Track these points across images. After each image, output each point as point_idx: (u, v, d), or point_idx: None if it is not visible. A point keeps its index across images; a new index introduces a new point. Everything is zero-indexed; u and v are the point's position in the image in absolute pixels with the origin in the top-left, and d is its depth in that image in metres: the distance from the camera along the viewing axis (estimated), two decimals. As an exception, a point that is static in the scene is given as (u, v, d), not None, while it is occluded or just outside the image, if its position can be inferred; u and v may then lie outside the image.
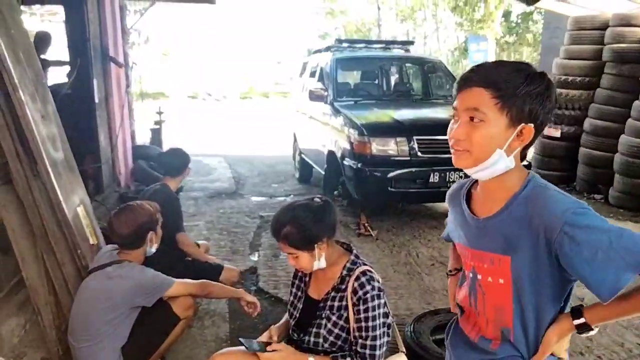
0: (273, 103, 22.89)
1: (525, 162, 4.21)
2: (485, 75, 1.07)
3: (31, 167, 2.65)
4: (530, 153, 6.47)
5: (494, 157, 1.08)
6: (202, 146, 10.23)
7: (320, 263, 1.75)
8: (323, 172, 5.61)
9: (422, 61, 6.68)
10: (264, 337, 1.85)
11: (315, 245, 1.71)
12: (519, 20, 21.28)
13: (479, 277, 1.21)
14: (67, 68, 5.37)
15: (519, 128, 1.08)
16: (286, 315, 1.98)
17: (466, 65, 22.39)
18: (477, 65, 1.13)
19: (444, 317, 2.97)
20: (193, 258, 3.25)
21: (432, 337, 2.76)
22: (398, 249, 4.40)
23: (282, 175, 7.65)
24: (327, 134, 5.33)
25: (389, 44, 7.25)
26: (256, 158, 9.13)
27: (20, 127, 2.61)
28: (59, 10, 9.64)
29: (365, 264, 1.80)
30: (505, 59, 22.60)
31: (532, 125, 1.08)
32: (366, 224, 4.73)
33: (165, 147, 7.48)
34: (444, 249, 4.38)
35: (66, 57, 5.37)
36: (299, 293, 1.91)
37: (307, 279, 1.89)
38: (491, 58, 20.19)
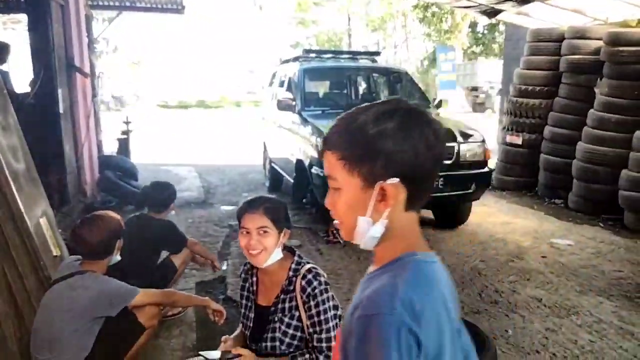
0: (245, 112, 22.84)
1: (486, 169, 4.31)
2: (329, 135, 0.91)
3: (-9, 179, 2.62)
4: (494, 160, 6.68)
5: (360, 225, 0.90)
6: (172, 156, 10.17)
7: (278, 253, 1.81)
8: (292, 181, 5.67)
9: (388, 71, 6.83)
10: (221, 348, 1.87)
11: (283, 230, 1.82)
12: (485, 31, 21.91)
13: None
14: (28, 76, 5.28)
15: (376, 188, 0.86)
16: (240, 327, 2.01)
17: (435, 74, 22.91)
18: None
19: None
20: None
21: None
22: (366, 255, 4.46)
23: (252, 184, 7.67)
24: (296, 143, 5.40)
25: (356, 54, 7.39)
26: (227, 167, 9.11)
27: (-20, 139, 2.58)
28: (23, 18, 9.46)
29: (309, 262, 1.86)
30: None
31: (395, 180, 0.85)
32: (335, 231, 4.80)
33: (133, 157, 7.43)
34: (410, 254, 4.49)
35: (30, 66, 5.29)
36: (249, 303, 1.94)
37: (254, 288, 1.93)
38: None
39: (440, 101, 6.23)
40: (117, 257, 2.53)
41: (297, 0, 29.99)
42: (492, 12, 7.11)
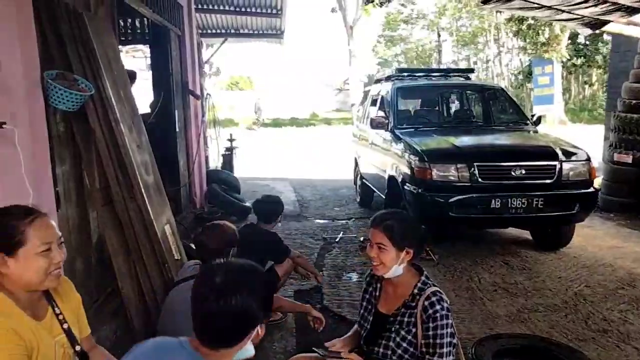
0: (334, 129, 23.34)
1: (591, 189, 4.15)
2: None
3: (128, 190, 3.02)
4: (599, 179, 6.28)
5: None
6: (269, 170, 10.73)
7: (397, 269, 1.89)
8: (384, 197, 5.75)
9: (482, 88, 6.71)
10: (334, 349, 2.00)
11: (405, 249, 1.88)
12: (587, 42, 20.54)
13: None
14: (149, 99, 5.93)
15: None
16: (355, 327, 2.14)
17: (531, 88, 21.85)
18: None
19: (506, 341, 3.01)
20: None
21: (494, 360, 2.80)
22: (459, 273, 4.44)
23: (343, 199, 7.87)
24: (388, 160, 5.49)
25: (448, 72, 7.36)
26: (319, 182, 9.42)
27: (120, 155, 2.99)
28: (141, 47, 10.60)
29: (435, 285, 1.92)
30: (572, 81, 21.69)
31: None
32: (427, 248, 4.80)
33: (237, 171, 7.98)
34: (507, 275, 4.37)
35: (145, 88, 5.95)
36: (369, 307, 2.05)
37: (377, 294, 2.04)
38: (557, 81, 19.58)
39: (540, 117, 6.01)
40: (230, 264, 2.79)
41: (386, 18, 30.26)
42: (597, 24, 6.73)
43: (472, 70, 7.72)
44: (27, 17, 2.26)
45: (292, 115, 28.07)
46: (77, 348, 1.66)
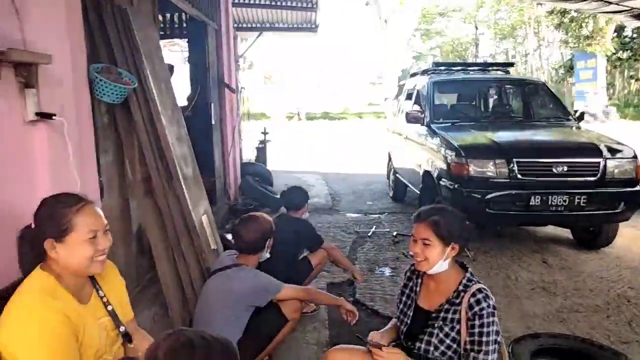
0: (366, 123, 23.24)
1: (638, 188, 3.99)
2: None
3: (168, 181, 3.10)
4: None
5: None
6: (301, 163, 10.78)
7: (442, 265, 1.88)
8: (418, 192, 5.69)
9: (521, 83, 6.53)
10: (371, 338, 2.00)
11: (451, 244, 1.86)
12: (635, 35, 19.67)
13: None
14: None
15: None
16: (393, 321, 2.13)
17: (572, 83, 21.12)
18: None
19: (544, 341, 2.93)
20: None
21: (532, 360, 2.73)
22: (496, 271, 4.36)
23: (376, 194, 7.83)
24: (424, 155, 5.42)
25: (487, 66, 7.18)
26: (351, 176, 9.41)
27: (161, 147, 3.06)
28: (178, 41, 10.80)
29: (480, 282, 1.89)
30: (617, 76, 20.88)
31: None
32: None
33: (270, 164, 8.05)
34: (546, 274, 4.26)
35: (180, 82, 6.06)
36: (409, 302, 2.03)
37: (417, 289, 2.02)
38: (601, 76, 18.84)
39: (583, 113, 5.80)
40: (266, 255, 2.82)
41: (422, 11, 29.79)
42: (647, 15, 6.44)
43: (511, 64, 7.51)
44: (75, 12, 2.34)
45: (324, 108, 28.10)
46: (122, 329, 1.71)
